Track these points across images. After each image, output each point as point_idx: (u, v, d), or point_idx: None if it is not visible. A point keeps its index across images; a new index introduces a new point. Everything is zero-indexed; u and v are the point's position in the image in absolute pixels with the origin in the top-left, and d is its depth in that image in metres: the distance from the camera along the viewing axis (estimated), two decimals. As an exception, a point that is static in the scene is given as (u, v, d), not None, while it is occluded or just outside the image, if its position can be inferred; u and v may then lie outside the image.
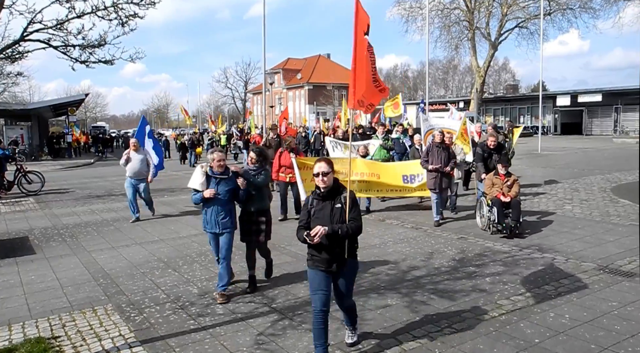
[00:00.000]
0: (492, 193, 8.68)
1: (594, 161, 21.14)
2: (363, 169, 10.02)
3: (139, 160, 10.78)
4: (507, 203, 8.51)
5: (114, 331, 5.03)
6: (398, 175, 9.63)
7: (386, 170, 10.22)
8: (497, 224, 8.45)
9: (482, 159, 9.67)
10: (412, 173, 9.69)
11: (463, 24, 39.28)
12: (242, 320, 5.21)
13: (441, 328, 4.88)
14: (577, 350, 4.37)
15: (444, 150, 9.56)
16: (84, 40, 6.86)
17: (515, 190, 8.65)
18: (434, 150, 9.52)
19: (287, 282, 6.44)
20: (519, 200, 8.67)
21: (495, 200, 8.55)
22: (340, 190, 4.26)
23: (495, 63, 65.17)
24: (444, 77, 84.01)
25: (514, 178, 8.88)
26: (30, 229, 10.25)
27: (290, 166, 8.52)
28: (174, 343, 4.71)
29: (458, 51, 42.42)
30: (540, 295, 5.69)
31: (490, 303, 5.51)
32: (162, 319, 5.31)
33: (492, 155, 9.55)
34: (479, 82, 39.36)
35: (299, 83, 68.17)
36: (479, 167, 9.78)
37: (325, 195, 4.18)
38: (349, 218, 4.11)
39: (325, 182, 4.13)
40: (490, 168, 9.39)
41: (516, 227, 8.37)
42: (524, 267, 6.75)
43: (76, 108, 38.93)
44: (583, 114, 44.66)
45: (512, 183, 8.73)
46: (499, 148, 9.77)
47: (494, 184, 8.79)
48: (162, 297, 6.00)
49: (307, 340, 4.69)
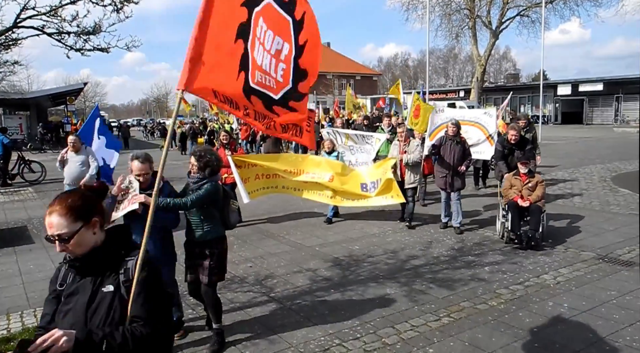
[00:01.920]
0: (508, 196, 7.43)
1: (594, 150, 21.08)
2: (315, 169, 7.67)
3: (79, 162, 8.41)
4: (525, 208, 7.23)
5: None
6: (356, 183, 7.81)
7: (346, 174, 7.88)
8: (511, 233, 7.19)
9: (503, 156, 8.23)
10: (372, 180, 7.83)
11: (464, 12, 38.94)
12: (240, 309, 5.21)
13: (440, 318, 4.88)
14: (575, 339, 4.36)
15: (459, 145, 8.22)
16: (79, 27, 6.79)
17: (538, 194, 7.26)
18: (446, 144, 8.24)
19: (286, 271, 6.43)
20: (540, 206, 7.19)
21: (511, 203, 7.27)
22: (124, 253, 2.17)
23: (496, 52, 64.88)
24: (444, 66, 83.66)
25: (538, 179, 7.46)
26: (29, 219, 10.23)
27: (227, 165, 7.17)
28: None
29: (459, 40, 42.09)
30: (539, 284, 5.68)
31: (489, 292, 5.51)
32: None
33: (514, 152, 8.10)
34: (480, 71, 39.09)
35: (299, 72, 67.72)
36: (499, 165, 8.31)
37: (81, 267, 2.11)
38: (132, 314, 2.04)
39: (66, 248, 2.03)
40: (512, 167, 7.99)
41: (533, 237, 7.02)
42: (523, 256, 6.74)
43: (75, 97, 38.73)
44: (584, 103, 44.48)
45: (534, 185, 7.36)
46: (522, 143, 8.19)
47: (512, 185, 7.52)
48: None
49: (305, 329, 4.69)
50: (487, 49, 39.45)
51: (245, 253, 7.28)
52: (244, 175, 7.11)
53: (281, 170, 7.33)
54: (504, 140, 8.37)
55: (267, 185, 7.50)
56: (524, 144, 8.15)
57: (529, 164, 7.54)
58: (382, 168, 7.87)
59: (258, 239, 8.05)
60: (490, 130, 9.84)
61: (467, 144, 8.48)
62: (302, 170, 7.50)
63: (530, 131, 10.69)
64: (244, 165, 7.15)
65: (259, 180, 7.26)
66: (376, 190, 7.71)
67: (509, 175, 7.69)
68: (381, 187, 7.61)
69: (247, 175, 7.19)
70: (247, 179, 7.22)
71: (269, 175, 7.26)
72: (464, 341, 4.39)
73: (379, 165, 7.99)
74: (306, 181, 7.59)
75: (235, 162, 6.99)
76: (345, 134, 9.51)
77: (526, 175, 7.45)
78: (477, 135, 10.03)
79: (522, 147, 8.08)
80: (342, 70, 65.19)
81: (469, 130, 9.76)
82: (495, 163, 8.86)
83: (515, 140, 8.05)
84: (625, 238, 7.46)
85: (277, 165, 7.39)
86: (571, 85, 44.16)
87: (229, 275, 6.23)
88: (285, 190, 7.61)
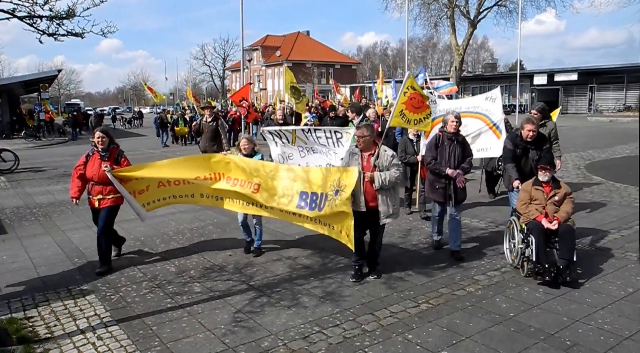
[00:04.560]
0: (529, 214, 5.65)
1: (568, 139, 21.45)
2: (240, 175, 5.93)
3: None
4: (553, 231, 5.47)
5: (89, 311, 4.95)
6: (293, 189, 5.60)
7: (276, 178, 5.77)
8: (537, 264, 5.35)
9: (514, 158, 6.30)
10: (316, 190, 5.44)
11: (442, 2, 39.05)
12: (220, 298, 5.18)
13: (418, 304, 4.93)
14: (550, 323, 4.46)
15: (459, 144, 6.38)
16: (51, 11, 6.56)
17: (567, 210, 5.59)
18: (444, 145, 6.33)
19: (265, 259, 6.42)
20: (572, 227, 5.56)
21: (534, 225, 5.51)
22: None
23: (474, 41, 65.41)
24: (423, 55, 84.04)
25: (566, 190, 5.75)
26: (2, 208, 9.98)
27: (105, 180, 5.85)
28: (151, 321, 4.67)
29: (437, 29, 42.30)
30: (515, 270, 5.78)
31: (467, 278, 5.59)
32: (139, 298, 5.24)
33: (528, 152, 6.24)
34: (458, 61, 39.36)
35: (278, 60, 67.35)
36: (509, 169, 6.29)
37: None
38: None
39: None
40: (526, 172, 6.21)
41: (567, 269, 5.28)
42: (500, 242, 6.83)
43: (49, 85, 37.80)
44: (559, 92, 45.24)
45: (562, 198, 5.67)
46: (539, 141, 6.26)
47: (532, 199, 5.71)
48: (139, 275, 5.93)
49: (285, 317, 4.70)
50: (465, 38, 39.71)
51: (224, 242, 7.24)
52: (137, 186, 6.00)
53: (190, 178, 6.00)
54: (516, 136, 6.38)
55: (172, 194, 6.23)
56: (541, 142, 6.30)
57: (552, 170, 5.80)
58: (336, 180, 5.31)
59: (237, 228, 8.00)
60: (494, 119, 8.17)
61: (467, 144, 6.65)
62: (221, 174, 5.98)
63: (548, 127, 8.03)
64: (128, 180, 5.92)
65: (163, 188, 6.14)
66: (318, 210, 5.38)
67: (527, 186, 5.84)
68: (327, 211, 5.31)
69: (143, 185, 6.04)
70: (144, 190, 6.07)
71: (178, 181, 6.08)
72: (442, 327, 4.45)
73: (335, 173, 5.40)
74: (228, 189, 5.97)
75: (119, 178, 5.80)
76: (292, 132, 6.89)
77: (549, 184, 5.72)
78: (477, 125, 8.26)
79: (539, 147, 6.24)
80: (321, 58, 65.03)
81: (468, 123, 8.03)
82: (504, 167, 6.75)
83: (532, 137, 6.13)
84: (598, 225, 7.63)
85: (180, 172, 6.04)
86: (547, 74, 44.83)
87: (208, 264, 6.22)
88: (201, 200, 6.35)
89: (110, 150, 6.14)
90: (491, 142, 8.15)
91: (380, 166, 5.41)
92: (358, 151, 5.53)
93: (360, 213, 5.35)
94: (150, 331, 4.48)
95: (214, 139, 10.22)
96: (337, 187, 5.27)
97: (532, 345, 4.11)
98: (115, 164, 6.04)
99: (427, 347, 4.11)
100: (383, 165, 5.41)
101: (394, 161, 5.44)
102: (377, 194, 5.36)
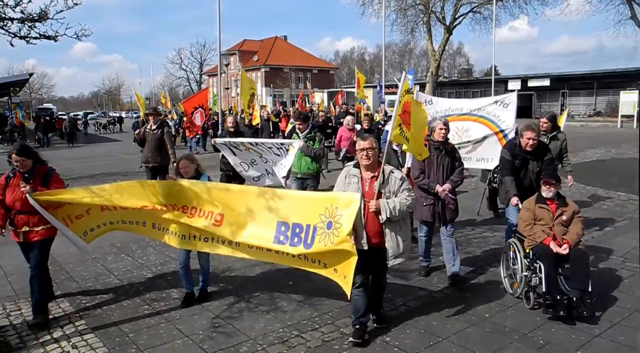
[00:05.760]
0: (534, 237, 4.91)
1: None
2: (196, 203, 4.82)
3: None
4: (562, 256, 4.75)
5: (63, 319, 4.86)
6: (268, 219, 4.55)
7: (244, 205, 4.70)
8: (547, 296, 4.59)
9: (512, 170, 5.57)
10: (302, 221, 4.37)
11: (419, 8, 39.52)
12: (197, 304, 5.14)
13: (396, 306, 4.99)
14: (525, 322, 4.57)
15: (448, 154, 5.56)
16: (23, 13, 6.43)
17: (577, 232, 4.89)
18: (431, 155, 5.45)
19: (244, 264, 6.38)
20: (585, 252, 4.95)
21: (543, 250, 4.79)
22: None
23: (450, 47, 66.14)
24: (400, 60, 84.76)
25: (574, 208, 5.07)
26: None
27: (29, 208, 4.68)
28: (128, 328, 4.61)
29: (414, 35, 42.72)
30: (491, 272, 5.88)
31: (443, 281, 5.66)
32: (115, 305, 5.17)
33: (528, 163, 5.55)
34: (434, 66, 39.85)
35: (256, 65, 67.14)
36: (507, 183, 5.55)
37: None
38: None
39: None
40: (525, 186, 5.52)
41: (581, 302, 4.54)
42: (476, 245, 6.95)
43: (20, 88, 36.95)
44: (532, 97, 46.16)
45: (570, 217, 4.97)
46: (540, 151, 5.57)
47: (537, 219, 5.00)
48: (115, 282, 5.85)
49: (264, 322, 4.69)
50: (441, 44, 40.24)
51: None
52: (74, 211, 4.87)
53: (135, 207, 4.86)
54: (514, 145, 5.67)
55: (120, 219, 5.07)
56: (542, 153, 5.58)
57: (557, 185, 5.07)
58: (328, 209, 4.17)
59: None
60: (502, 126, 7.02)
61: (457, 152, 5.77)
62: (174, 204, 4.82)
63: (559, 139, 7.20)
64: (54, 205, 4.75)
65: (108, 212, 4.98)
66: (304, 247, 4.26)
67: (530, 203, 5.10)
68: (318, 249, 4.20)
69: (82, 209, 4.91)
70: (83, 214, 4.94)
71: (124, 207, 4.92)
72: (419, 328, 4.51)
73: (325, 201, 4.29)
74: (182, 222, 4.81)
75: (41, 202, 4.63)
76: (244, 144, 6.43)
77: (555, 202, 5.04)
78: (481, 131, 7.15)
79: (540, 157, 5.55)
80: (299, 63, 64.97)
81: (471, 127, 7.10)
82: (499, 180, 6.12)
83: (532, 147, 5.43)
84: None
85: (124, 200, 4.86)
86: (521, 80, 45.67)
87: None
88: (153, 233, 5.13)
89: (37, 169, 4.82)
90: (494, 152, 6.90)
91: (387, 192, 4.26)
92: (357, 172, 4.32)
93: (361, 252, 4.11)
94: (127, 338, 4.43)
95: (158, 149, 8.88)
96: (329, 218, 4.13)
97: (507, 344, 4.21)
98: (43, 186, 4.76)
99: (404, 349, 4.16)
100: (390, 191, 4.26)
101: (403, 185, 4.29)
102: (383, 228, 4.21)
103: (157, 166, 8.83)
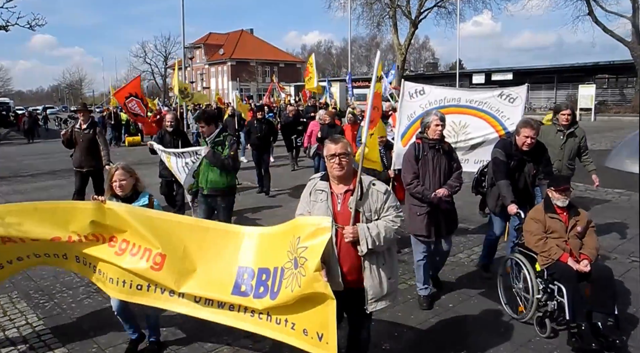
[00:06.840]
0: (548, 253, 4.13)
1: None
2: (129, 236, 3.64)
3: None
4: (583, 275, 4.06)
5: (20, 320, 4.70)
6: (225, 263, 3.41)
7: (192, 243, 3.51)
8: (572, 324, 3.89)
9: (507, 173, 4.89)
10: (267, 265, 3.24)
11: (385, 2, 39.81)
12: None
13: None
14: (487, 312, 4.70)
15: (445, 155, 4.78)
16: (-30, 2, 6.09)
17: (594, 245, 4.22)
18: (426, 156, 4.73)
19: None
20: (609, 267, 4.28)
21: (564, 269, 4.07)
22: None
23: (415, 41, 66.92)
24: (367, 54, 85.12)
25: (587, 217, 4.34)
26: None
27: None
28: (88, 327, 4.50)
29: (380, 29, 43.09)
30: (454, 263, 5.99)
31: (408, 272, 5.73)
32: (76, 304, 5.04)
33: (524, 165, 4.94)
34: (400, 60, 40.23)
35: (222, 58, 66.36)
36: (502, 188, 4.82)
37: None
38: None
39: None
40: (520, 189, 4.91)
41: (611, 326, 3.86)
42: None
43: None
44: (496, 91, 47.20)
45: (584, 228, 4.26)
46: (537, 151, 4.95)
47: (549, 232, 4.25)
48: (76, 280, 5.68)
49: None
50: (407, 38, 40.66)
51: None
52: None
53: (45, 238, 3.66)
54: (509, 144, 4.96)
55: (32, 252, 3.84)
56: (539, 153, 4.96)
57: (570, 190, 4.32)
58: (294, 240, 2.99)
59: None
60: (506, 124, 6.03)
61: (454, 153, 4.98)
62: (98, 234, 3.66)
63: (577, 135, 6.29)
64: None
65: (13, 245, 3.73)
66: (270, 297, 3.15)
67: (539, 214, 4.33)
68: (285, 297, 3.06)
69: None
70: None
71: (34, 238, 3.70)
72: (384, 319, 4.55)
73: (291, 230, 3.11)
74: (108, 261, 3.64)
75: None
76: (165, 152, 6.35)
77: (567, 210, 4.29)
78: (482, 129, 6.20)
79: (537, 158, 4.95)
80: (266, 57, 64.62)
81: (470, 123, 6.21)
82: (488, 184, 5.36)
83: (529, 146, 4.79)
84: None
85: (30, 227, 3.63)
86: (485, 74, 46.58)
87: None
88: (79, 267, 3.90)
89: None
90: None
91: (367, 211, 3.09)
92: (326, 186, 3.18)
93: (335, 294, 2.91)
94: (87, 337, 4.32)
95: (91, 152, 7.92)
96: (295, 254, 2.98)
97: (470, 331, 4.29)
98: None
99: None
100: (371, 209, 3.10)
101: (389, 202, 3.14)
102: (361, 262, 3.08)
103: (92, 171, 7.97)
